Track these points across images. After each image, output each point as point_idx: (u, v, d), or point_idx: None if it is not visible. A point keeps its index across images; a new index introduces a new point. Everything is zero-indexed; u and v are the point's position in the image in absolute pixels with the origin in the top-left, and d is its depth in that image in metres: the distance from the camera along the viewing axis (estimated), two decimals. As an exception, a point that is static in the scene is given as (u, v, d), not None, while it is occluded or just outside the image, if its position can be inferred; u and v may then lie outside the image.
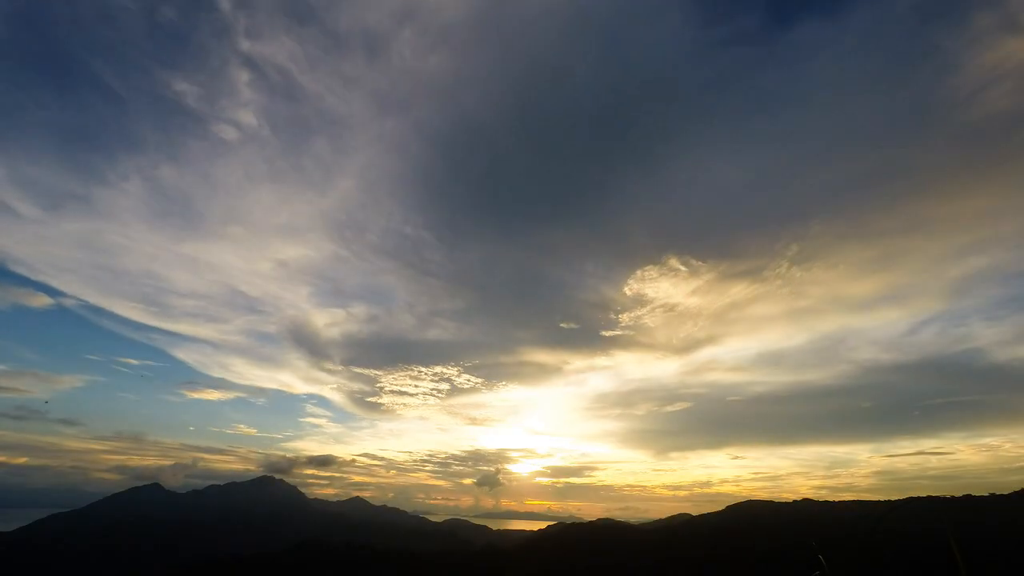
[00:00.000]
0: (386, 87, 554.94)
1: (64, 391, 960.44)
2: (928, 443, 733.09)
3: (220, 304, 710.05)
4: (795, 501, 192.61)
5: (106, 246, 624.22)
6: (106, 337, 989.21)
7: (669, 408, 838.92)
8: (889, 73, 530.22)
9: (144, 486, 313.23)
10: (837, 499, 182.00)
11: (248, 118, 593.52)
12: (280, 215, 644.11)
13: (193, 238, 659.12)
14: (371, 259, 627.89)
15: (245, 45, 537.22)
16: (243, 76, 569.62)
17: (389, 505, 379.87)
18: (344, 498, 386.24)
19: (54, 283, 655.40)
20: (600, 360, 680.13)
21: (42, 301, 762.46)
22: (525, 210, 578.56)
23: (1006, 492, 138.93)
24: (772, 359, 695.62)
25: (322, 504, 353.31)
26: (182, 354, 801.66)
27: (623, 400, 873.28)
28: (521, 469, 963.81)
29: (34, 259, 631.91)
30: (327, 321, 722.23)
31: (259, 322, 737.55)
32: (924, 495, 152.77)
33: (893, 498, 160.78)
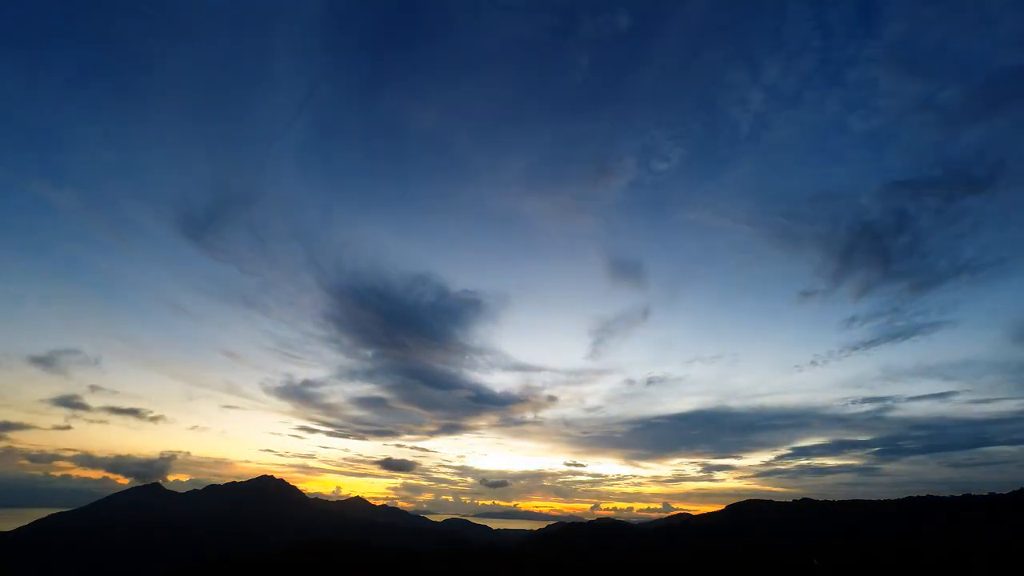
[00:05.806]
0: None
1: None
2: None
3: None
4: (795, 501, 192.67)
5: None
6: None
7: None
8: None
9: (144, 486, 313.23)
10: (837, 499, 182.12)
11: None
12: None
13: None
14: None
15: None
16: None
17: (389, 505, 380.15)
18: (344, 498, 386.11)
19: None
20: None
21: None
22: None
23: (1005, 492, 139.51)
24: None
25: (322, 504, 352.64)
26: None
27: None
28: (521, 468, 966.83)
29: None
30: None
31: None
32: (924, 494, 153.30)
33: (892, 498, 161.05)
